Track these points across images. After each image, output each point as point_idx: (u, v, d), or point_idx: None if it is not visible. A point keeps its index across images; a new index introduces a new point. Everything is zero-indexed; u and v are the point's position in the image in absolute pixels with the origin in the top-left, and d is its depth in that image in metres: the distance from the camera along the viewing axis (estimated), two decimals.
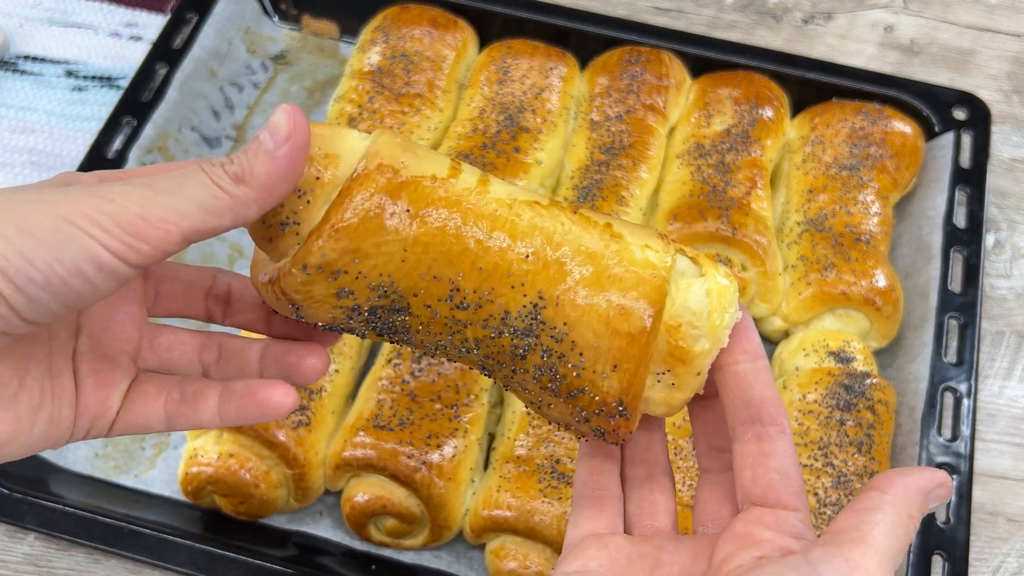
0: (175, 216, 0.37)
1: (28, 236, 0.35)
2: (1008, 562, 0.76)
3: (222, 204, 0.38)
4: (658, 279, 0.43)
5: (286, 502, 0.75)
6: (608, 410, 0.43)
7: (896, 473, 0.40)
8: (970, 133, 0.91)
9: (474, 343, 0.43)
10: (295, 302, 0.42)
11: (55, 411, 0.42)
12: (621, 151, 0.86)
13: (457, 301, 0.42)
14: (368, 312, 0.43)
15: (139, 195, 0.37)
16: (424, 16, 0.95)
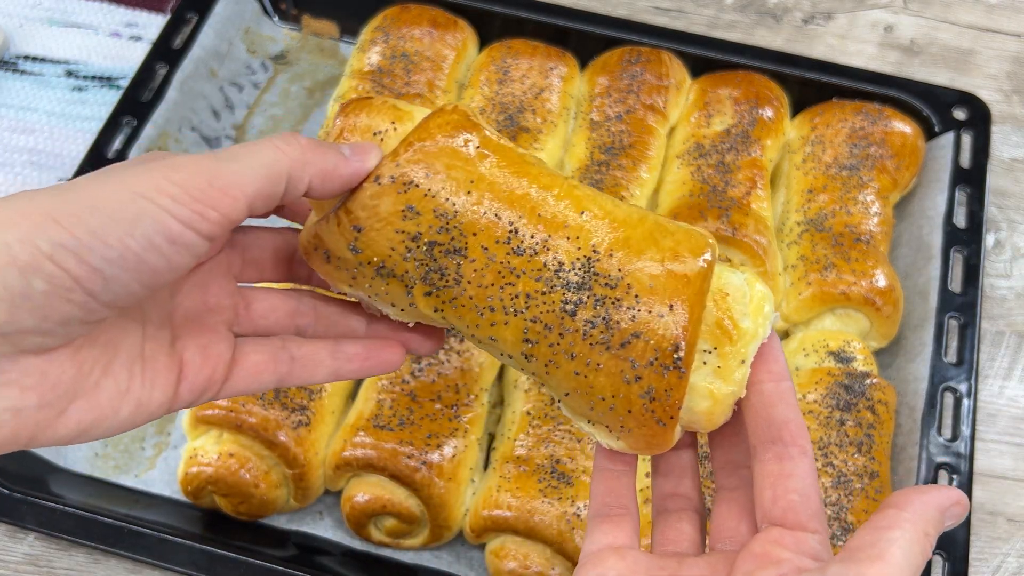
0: (242, 181, 0.38)
1: (99, 213, 0.35)
2: (1008, 562, 0.76)
3: (283, 166, 0.40)
4: (707, 237, 0.45)
5: (286, 502, 0.75)
6: (663, 358, 0.42)
7: (914, 491, 0.40)
8: (970, 133, 0.91)
9: (524, 300, 0.43)
10: (359, 223, 0.43)
11: (144, 394, 0.42)
12: (621, 151, 0.87)
13: (514, 245, 0.43)
14: (427, 246, 0.43)
15: (206, 164, 0.38)
16: (424, 16, 0.95)
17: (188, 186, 0.37)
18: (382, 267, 0.44)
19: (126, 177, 0.37)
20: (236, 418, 0.71)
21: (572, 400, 0.45)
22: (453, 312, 0.44)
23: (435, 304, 0.45)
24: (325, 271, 0.46)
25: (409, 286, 0.44)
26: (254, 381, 0.47)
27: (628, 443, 0.45)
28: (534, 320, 0.43)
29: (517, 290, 0.43)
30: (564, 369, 0.44)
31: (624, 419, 0.44)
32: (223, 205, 0.38)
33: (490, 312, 0.44)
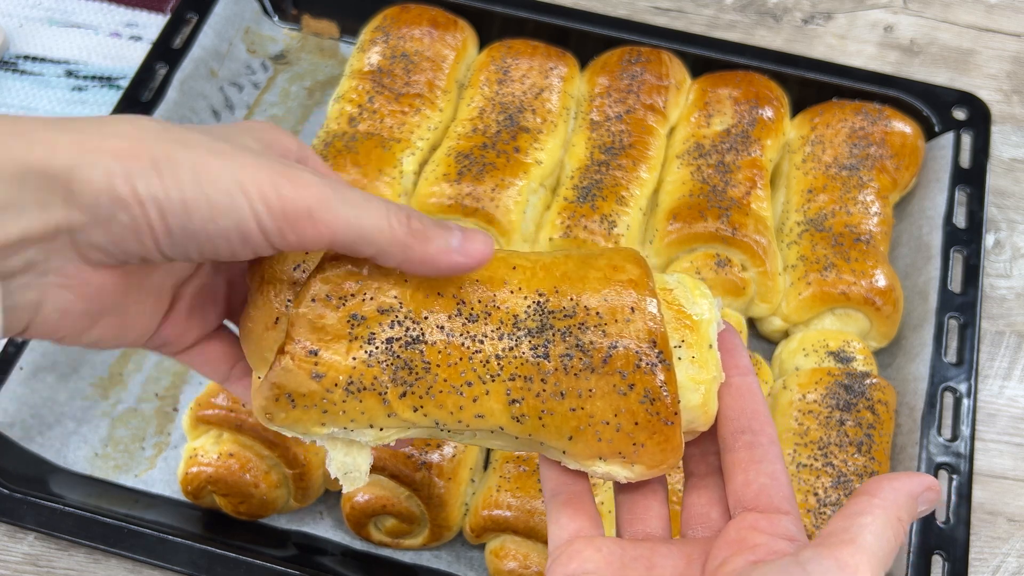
0: (338, 224, 0.39)
1: (198, 188, 0.37)
2: (1008, 562, 0.76)
3: (382, 238, 0.41)
4: (631, 249, 0.47)
5: (286, 502, 0.75)
6: (646, 357, 0.43)
7: (886, 478, 0.41)
8: (970, 133, 0.91)
9: (496, 363, 0.43)
10: (313, 346, 0.42)
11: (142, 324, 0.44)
12: (621, 151, 0.86)
13: (466, 314, 0.43)
14: (385, 345, 0.43)
15: (319, 192, 0.39)
16: (424, 16, 0.95)
17: (289, 205, 0.38)
18: (350, 384, 0.43)
19: (244, 163, 0.38)
20: (236, 418, 0.71)
21: (578, 444, 0.44)
22: (433, 404, 0.43)
23: (413, 403, 0.43)
24: (293, 420, 0.43)
25: (382, 393, 0.43)
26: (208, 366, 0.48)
27: (644, 461, 0.45)
28: (512, 378, 0.43)
29: (486, 355, 0.43)
30: (559, 413, 0.44)
31: (634, 434, 0.44)
32: (307, 236, 0.39)
33: (468, 388, 0.43)
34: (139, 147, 0.37)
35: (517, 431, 0.44)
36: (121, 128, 0.37)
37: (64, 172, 0.35)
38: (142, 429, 0.80)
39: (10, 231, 0.35)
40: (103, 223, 0.37)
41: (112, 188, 0.36)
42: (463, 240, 0.43)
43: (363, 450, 0.45)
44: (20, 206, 0.35)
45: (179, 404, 0.81)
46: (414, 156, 0.87)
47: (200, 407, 0.72)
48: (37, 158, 0.35)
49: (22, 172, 0.35)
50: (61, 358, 0.80)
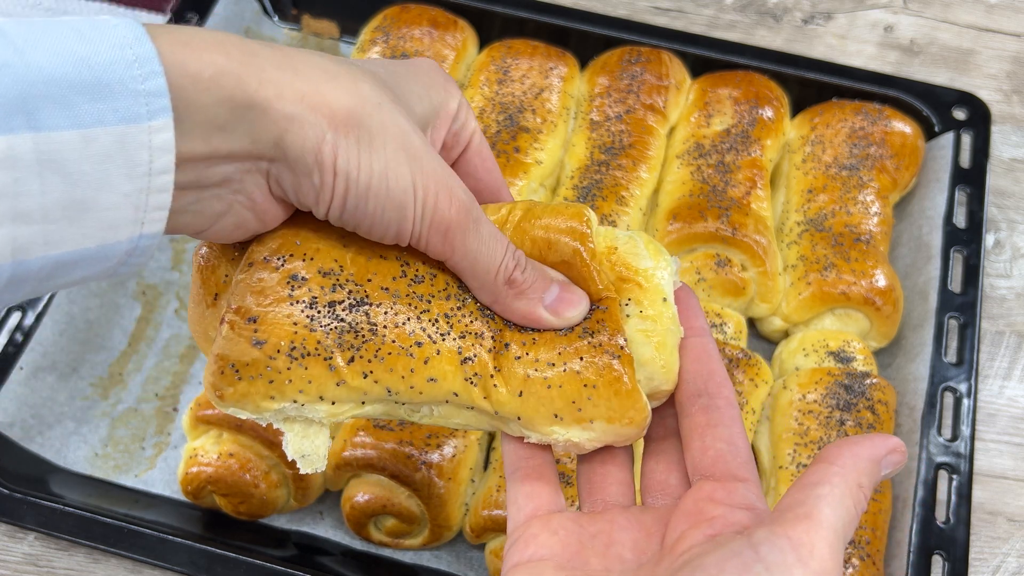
0: (459, 251, 0.43)
1: (384, 181, 0.40)
2: (1008, 562, 0.76)
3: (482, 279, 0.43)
4: (583, 207, 0.46)
5: (286, 502, 0.75)
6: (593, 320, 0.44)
7: (846, 442, 0.39)
8: (970, 133, 0.91)
9: (445, 321, 0.43)
10: (251, 312, 0.41)
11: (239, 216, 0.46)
12: (621, 151, 0.86)
13: (411, 275, 0.44)
14: (327, 308, 0.42)
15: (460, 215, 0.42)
16: (424, 16, 0.95)
17: (437, 218, 0.41)
18: (293, 349, 0.41)
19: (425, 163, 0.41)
20: (236, 418, 0.71)
21: (530, 401, 0.43)
22: (383, 368, 0.42)
23: (362, 368, 0.42)
24: (241, 395, 0.42)
25: (328, 358, 0.41)
26: None
27: (600, 413, 0.43)
28: (463, 335, 0.43)
29: (433, 314, 0.43)
30: (505, 367, 0.43)
31: (582, 372, 0.43)
32: (433, 248, 0.43)
33: (417, 348, 0.42)
34: (352, 118, 0.39)
35: (471, 397, 0.43)
36: (345, 82, 0.40)
37: (283, 120, 0.38)
38: (142, 429, 0.80)
39: (219, 147, 0.37)
40: (297, 175, 0.39)
41: (319, 152, 0.39)
42: (557, 300, 0.44)
43: (320, 432, 0.44)
44: (234, 131, 0.37)
45: (179, 404, 0.81)
46: None
47: (200, 407, 0.72)
48: (262, 98, 0.37)
49: (246, 105, 0.37)
50: (61, 358, 0.80)
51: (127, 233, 0.36)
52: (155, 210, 0.36)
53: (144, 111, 0.34)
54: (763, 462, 0.77)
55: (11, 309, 0.79)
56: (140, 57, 0.34)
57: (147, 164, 0.34)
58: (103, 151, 0.33)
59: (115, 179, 0.34)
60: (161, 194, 0.36)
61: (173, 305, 0.86)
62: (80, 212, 0.34)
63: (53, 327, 0.79)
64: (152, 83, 0.34)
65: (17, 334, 0.78)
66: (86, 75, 0.33)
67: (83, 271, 0.36)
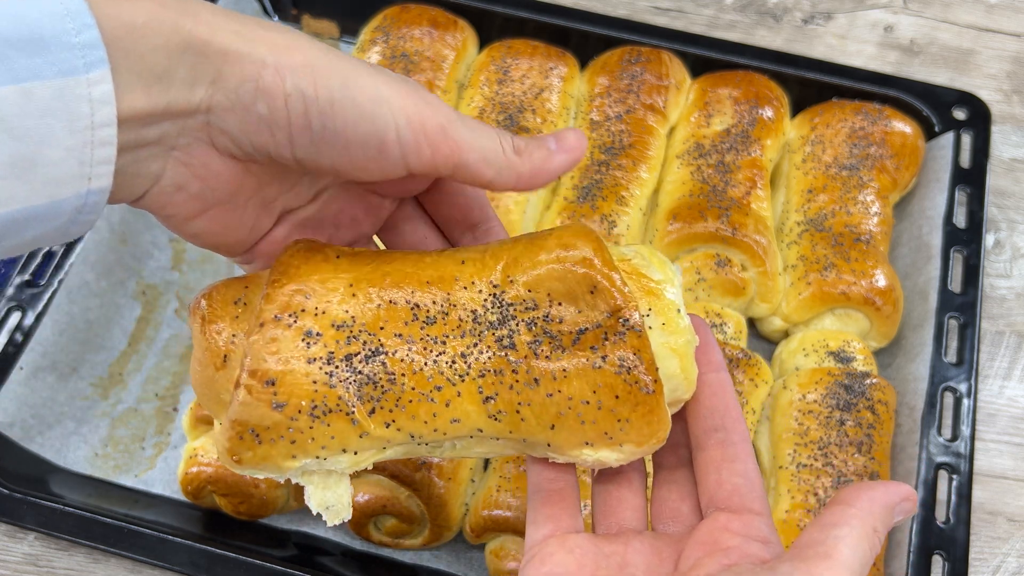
0: (464, 143, 0.41)
1: (347, 92, 0.39)
2: (1008, 562, 0.76)
3: (496, 160, 0.42)
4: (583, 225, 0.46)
5: (286, 502, 0.75)
6: (614, 327, 0.42)
7: (863, 487, 0.41)
8: (970, 133, 0.91)
9: (463, 361, 0.42)
10: (269, 376, 0.40)
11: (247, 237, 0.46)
12: (621, 151, 0.86)
13: (423, 318, 0.42)
14: (344, 361, 0.41)
15: (448, 113, 0.41)
16: (424, 16, 0.95)
17: (427, 120, 0.40)
18: (314, 408, 0.40)
19: (389, 81, 0.40)
20: None
21: (561, 432, 0.43)
22: (405, 416, 0.41)
23: (384, 419, 0.41)
24: (261, 457, 0.41)
25: (350, 413, 0.41)
26: None
27: (632, 439, 0.43)
28: (482, 374, 0.42)
29: (451, 356, 0.42)
30: (536, 402, 0.42)
31: (617, 409, 0.42)
32: (439, 153, 0.41)
33: (438, 392, 0.42)
34: (295, 45, 0.39)
35: (496, 431, 0.43)
36: (280, 28, 0.40)
37: (219, 54, 0.37)
38: (142, 429, 0.80)
39: (157, 101, 0.37)
40: (240, 110, 0.38)
41: (259, 77, 0.38)
42: (558, 141, 0.44)
43: (341, 480, 0.43)
44: (171, 79, 0.37)
45: (179, 404, 0.81)
46: None
47: (200, 407, 0.72)
48: (199, 36, 0.37)
49: (182, 47, 0.37)
50: (61, 358, 0.80)
51: (74, 188, 0.36)
52: (100, 164, 0.36)
53: (81, 63, 0.34)
54: (763, 462, 0.77)
55: (11, 309, 0.79)
56: (71, 11, 0.34)
57: (88, 117, 0.35)
58: (43, 105, 0.33)
59: (58, 133, 0.34)
60: (105, 147, 0.35)
61: (173, 305, 0.86)
62: (26, 168, 0.34)
63: (53, 327, 0.79)
64: (86, 35, 0.34)
65: (17, 334, 0.78)
66: (22, 30, 0.33)
67: (34, 230, 0.36)
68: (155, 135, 0.38)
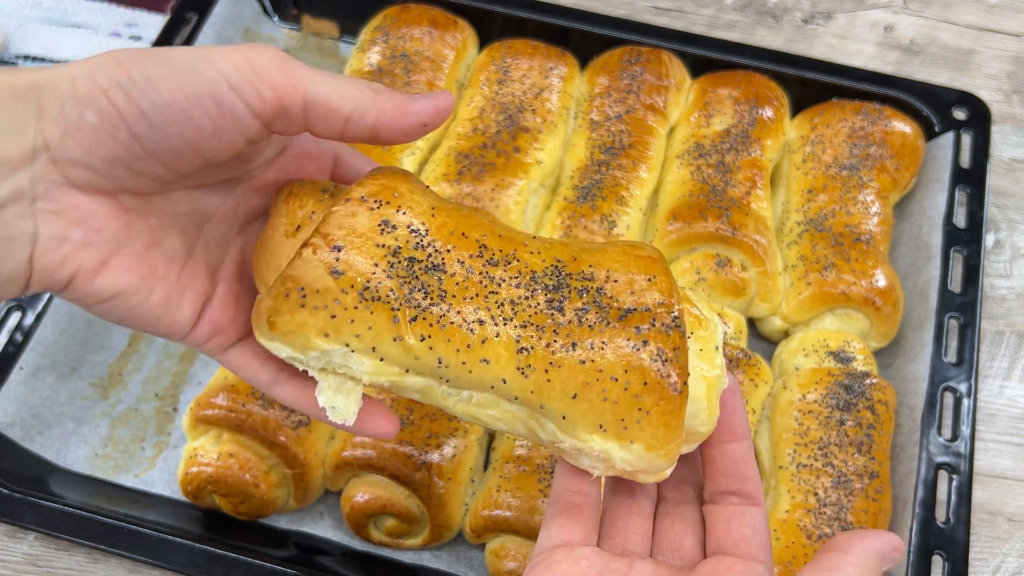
0: (307, 78, 0.39)
1: (160, 63, 0.37)
2: (1008, 562, 0.76)
3: (354, 92, 0.41)
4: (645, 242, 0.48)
5: (286, 502, 0.75)
6: (662, 318, 0.43)
7: (857, 535, 0.43)
8: (970, 133, 0.91)
9: (511, 307, 0.43)
10: (338, 241, 0.42)
11: (176, 294, 0.43)
12: (621, 151, 0.86)
13: (487, 257, 0.44)
14: (407, 262, 0.42)
15: (281, 55, 0.39)
16: (424, 16, 0.95)
17: (255, 61, 0.38)
18: (366, 288, 0.41)
19: (206, 46, 0.39)
20: (236, 418, 0.71)
21: (580, 405, 0.43)
22: (442, 336, 0.42)
23: (422, 331, 0.42)
24: (296, 325, 0.42)
25: (395, 309, 0.42)
26: (260, 363, 0.47)
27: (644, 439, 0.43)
28: (524, 325, 0.43)
29: (501, 298, 0.43)
30: (568, 365, 0.42)
31: (641, 395, 0.42)
32: (282, 88, 0.39)
33: (479, 326, 0.42)
34: (104, 56, 0.37)
35: (519, 388, 0.43)
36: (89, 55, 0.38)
37: (31, 88, 0.36)
38: (142, 429, 0.80)
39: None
40: (73, 129, 0.37)
41: (75, 89, 0.36)
42: (427, 94, 0.43)
43: (354, 390, 0.44)
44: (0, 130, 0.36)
45: (179, 404, 0.81)
46: (414, 156, 0.87)
47: (200, 407, 0.72)
48: (5, 80, 0.36)
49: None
50: (61, 358, 0.80)
51: None
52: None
53: None
54: (763, 462, 0.77)
55: (11, 309, 0.79)
56: None
57: None
58: None
59: None
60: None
61: None
62: None
63: (53, 327, 0.79)
64: None
65: (17, 334, 0.78)
66: None
67: None
68: (7, 192, 0.36)
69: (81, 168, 0.38)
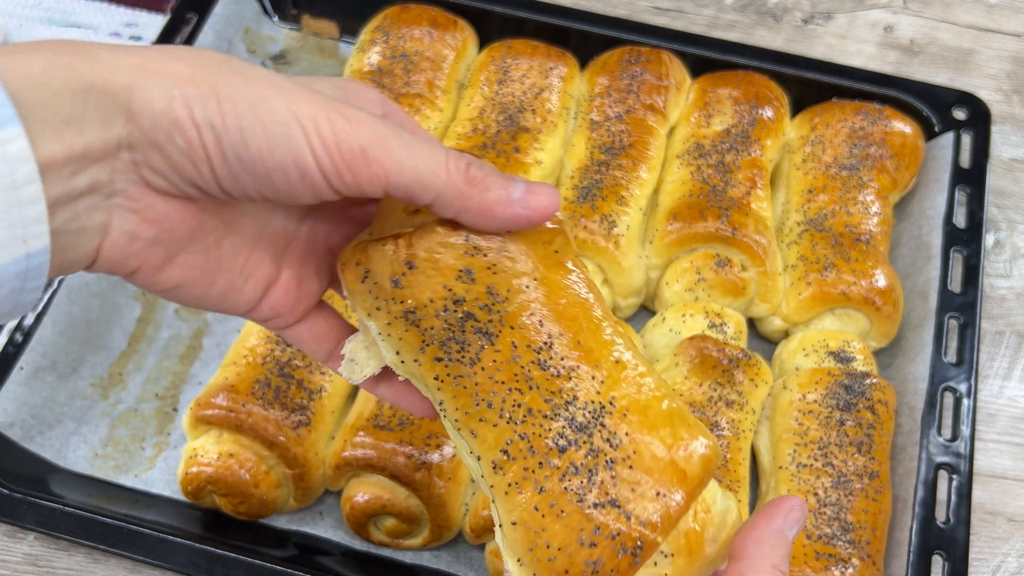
0: (391, 165, 0.39)
1: (255, 117, 0.37)
2: (1008, 562, 0.76)
3: (438, 184, 0.40)
4: (716, 447, 0.43)
5: (286, 502, 0.75)
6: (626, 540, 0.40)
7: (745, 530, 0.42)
8: (970, 133, 0.91)
9: (524, 413, 0.41)
10: (415, 260, 0.42)
11: (238, 283, 0.44)
12: (621, 151, 0.86)
13: (543, 357, 0.42)
14: (463, 315, 0.42)
15: (373, 131, 0.38)
16: (424, 16, 0.95)
17: (343, 141, 0.38)
18: (412, 312, 0.42)
19: (301, 98, 0.38)
20: (236, 418, 0.71)
21: (516, 532, 0.41)
22: (451, 389, 0.42)
23: (439, 372, 0.42)
24: (354, 288, 0.43)
25: (426, 343, 0.42)
26: (317, 342, 0.48)
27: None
28: (523, 436, 0.41)
29: (523, 400, 0.41)
30: (525, 498, 0.41)
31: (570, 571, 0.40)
32: (362, 176, 0.39)
33: (486, 408, 0.42)
34: (200, 73, 0.37)
35: (487, 473, 0.42)
36: (183, 55, 0.38)
37: (124, 91, 0.36)
38: (142, 429, 0.80)
39: (74, 145, 0.35)
40: (160, 145, 0.37)
41: (171, 110, 0.36)
42: (526, 192, 0.42)
43: (376, 358, 0.45)
44: (83, 121, 0.35)
45: (179, 404, 0.81)
46: None
47: (200, 407, 0.72)
48: (100, 75, 0.36)
49: (85, 88, 0.35)
50: (61, 358, 0.80)
51: (9, 254, 0.34)
52: (33, 224, 0.34)
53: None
54: (763, 462, 0.77)
55: None
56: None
57: (7, 177, 0.33)
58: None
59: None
60: (33, 206, 0.34)
61: (173, 305, 0.86)
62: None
63: (53, 327, 0.79)
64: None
65: (17, 334, 0.78)
66: None
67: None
68: (86, 183, 0.37)
69: (159, 176, 0.38)
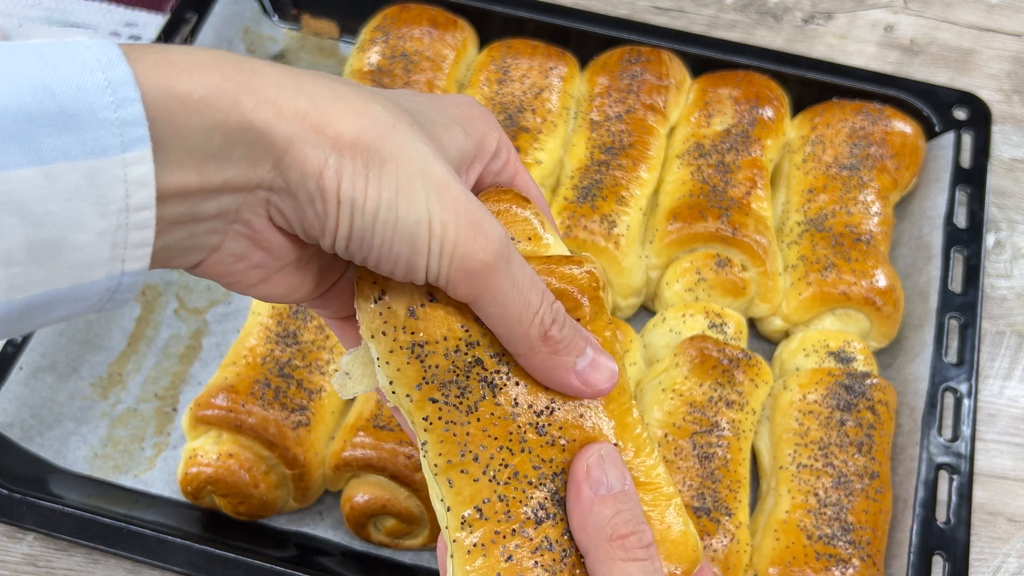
0: (488, 297, 0.39)
1: (392, 210, 0.37)
2: (1008, 562, 0.76)
3: (516, 329, 0.40)
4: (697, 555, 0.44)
5: (286, 502, 0.75)
6: None
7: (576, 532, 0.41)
8: (970, 133, 0.91)
9: (508, 475, 0.41)
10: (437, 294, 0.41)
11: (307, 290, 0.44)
12: (621, 151, 0.86)
13: (542, 421, 0.42)
14: (472, 360, 0.41)
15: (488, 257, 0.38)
16: (424, 16, 0.95)
17: (460, 257, 0.38)
18: (420, 346, 0.41)
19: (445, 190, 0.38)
20: (235, 418, 0.71)
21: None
22: (439, 433, 0.41)
23: (430, 413, 0.41)
24: (364, 306, 0.42)
25: (426, 380, 0.41)
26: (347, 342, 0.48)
27: None
28: (501, 498, 0.41)
29: (512, 461, 0.41)
30: (489, 563, 0.40)
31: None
32: (459, 290, 0.39)
33: (471, 460, 0.41)
34: (360, 141, 0.36)
35: (452, 524, 0.41)
36: (354, 104, 0.37)
37: (282, 142, 0.35)
38: (141, 429, 0.80)
39: (213, 178, 0.35)
40: (299, 201, 0.37)
41: (321, 176, 0.36)
42: (588, 367, 0.42)
43: (370, 376, 0.44)
44: (230, 157, 0.35)
45: (179, 404, 0.81)
46: None
47: (199, 407, 0.72)
48: (261, 119, 0.35)
49: (243, 128, 0.34)
50: (61, 358, 0.80)
51: (104, 272, 0.33)
52: (136, 247, 0.33)
53: (117, 142, 0.31)
54: (763, 462, 0.77)
55: None
56: (113, 82, 0.31)
57: (123, 200, 0.32)
58: (70, 188, 0.31)
59: (86, 217, 0.31)
60: (142, 231, 0.33)
61: (173, 305, 0.86)
62: (48, 254, 0.31)
63: (53, 327, 0.79)
64: (126, 111, 0.31)
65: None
66: (48, 105, 0.30)
67: (60, 311, 0.34)
68: (214, 210, 0.36)
69: (285, 220, 0.38)
